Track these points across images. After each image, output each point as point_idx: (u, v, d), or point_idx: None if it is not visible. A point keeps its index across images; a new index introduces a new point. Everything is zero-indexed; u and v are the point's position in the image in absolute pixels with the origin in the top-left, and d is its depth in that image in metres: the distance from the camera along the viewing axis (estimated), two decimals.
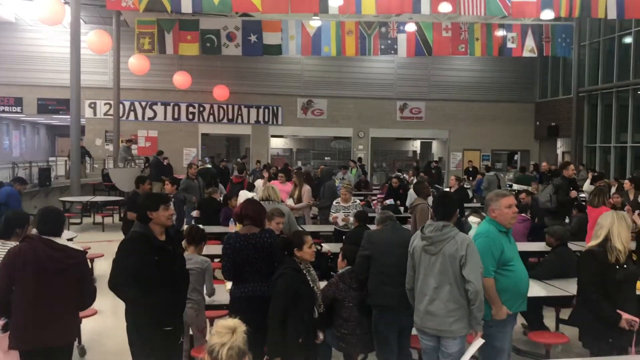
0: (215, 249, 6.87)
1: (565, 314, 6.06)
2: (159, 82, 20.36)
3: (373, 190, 17.42)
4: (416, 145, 26.31)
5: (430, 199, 8.44)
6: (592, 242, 4.22)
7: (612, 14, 14.58)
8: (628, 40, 19.05)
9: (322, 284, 4.88)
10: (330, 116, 22.42)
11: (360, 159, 21.57)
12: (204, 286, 5.00)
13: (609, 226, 4.13)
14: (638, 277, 4.21)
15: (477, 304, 3.95)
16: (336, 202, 8.87)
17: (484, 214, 8.48)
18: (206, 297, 5.04)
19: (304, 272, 4.26)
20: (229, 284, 4.81)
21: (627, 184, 9.92)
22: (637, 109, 18.76)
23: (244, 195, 8.99)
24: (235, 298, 4.56)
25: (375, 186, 19.50)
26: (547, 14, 14.57)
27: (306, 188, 9.62)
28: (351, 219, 7.91)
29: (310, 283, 4.24)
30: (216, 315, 5.29)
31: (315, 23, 16.96)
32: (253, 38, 17.05)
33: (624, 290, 4.08)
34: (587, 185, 13.34)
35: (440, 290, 4.07)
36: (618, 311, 3.98)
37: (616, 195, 9.47)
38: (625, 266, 4.07)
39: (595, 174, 14.25)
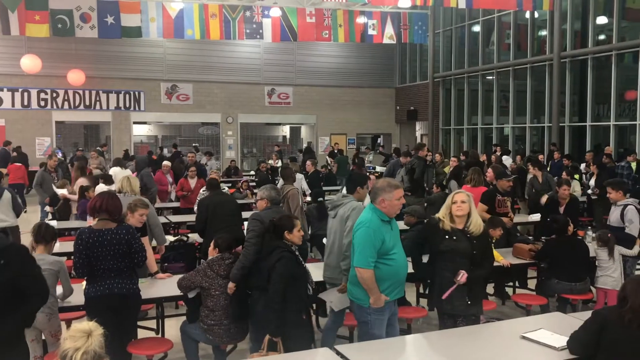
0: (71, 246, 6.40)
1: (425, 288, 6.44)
2: (4, 65, 18.61)
3: (244, 177, 17.27)
4: (285, 130, 26.49)
5: (296, 184, 8.56)
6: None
7: (462, 4, 15.58)
8: (476, 29, 20.51)
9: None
10: (197, 101, 21.85)
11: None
12: (57, 288, 4.62)
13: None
14: (464, 251, 4.37)
15: (344, 255, 4.67)
16: (203, 191, 8.67)
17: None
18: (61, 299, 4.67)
19: (296, 253, 4.38)
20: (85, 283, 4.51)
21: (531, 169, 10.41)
22: (486, 93, 20.32)
23: (101, 189, 8.45)
24: (91, 297, 4.28)
25: (246, 172, 19.38)
26: (404, 2, 15.23)
27: (80, 181, 9.14)
28: None
29: (303, 263, 4.45)
30: (72, 317, 4.94)
31: (176, 5, 16.37)
32: (110, 20, 16.10)
33: (446, 260, 4.37)
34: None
35: (333, 245, 4.99)
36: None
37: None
38: (454, 238, 4.37)
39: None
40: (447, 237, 4.38)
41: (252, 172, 18.99)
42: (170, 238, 7.18)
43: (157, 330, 5.61)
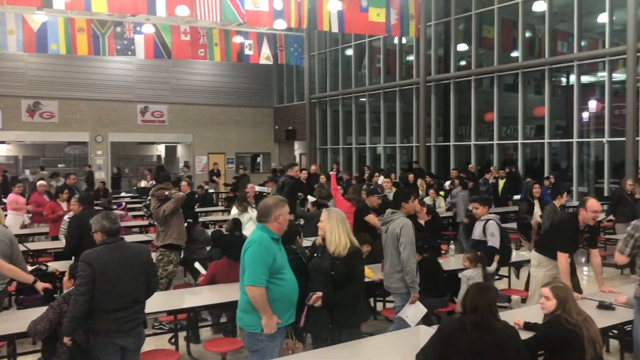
0: None
1: None
2: None
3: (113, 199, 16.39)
4: (161, 150, 25.71)
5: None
6: None
7: (335, 28, 16.06)
8: (349, 52, 21.27)
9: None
10: (63, 120, 20.59)
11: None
12: None
13: None
14: (324, 271, 4.38)
15: (406, 270, 5.25)
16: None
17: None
18: None
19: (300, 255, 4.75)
20: None
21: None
22: (359, 114, 21.08)
23: None
24: None
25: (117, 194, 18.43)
26: (280, 24, 15.39)
27: None
28: None
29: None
30: None
31: (38, 17, 15.38)
32: None
33: (312, 279, 4.41)
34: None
35: (387, 257, 5.51)
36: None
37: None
38: (319, 255, 4.44)
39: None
40: (315, 254, 4.45)
41: (123, 193, 18.20)
42: (28, 267, 6.62)
43: None
